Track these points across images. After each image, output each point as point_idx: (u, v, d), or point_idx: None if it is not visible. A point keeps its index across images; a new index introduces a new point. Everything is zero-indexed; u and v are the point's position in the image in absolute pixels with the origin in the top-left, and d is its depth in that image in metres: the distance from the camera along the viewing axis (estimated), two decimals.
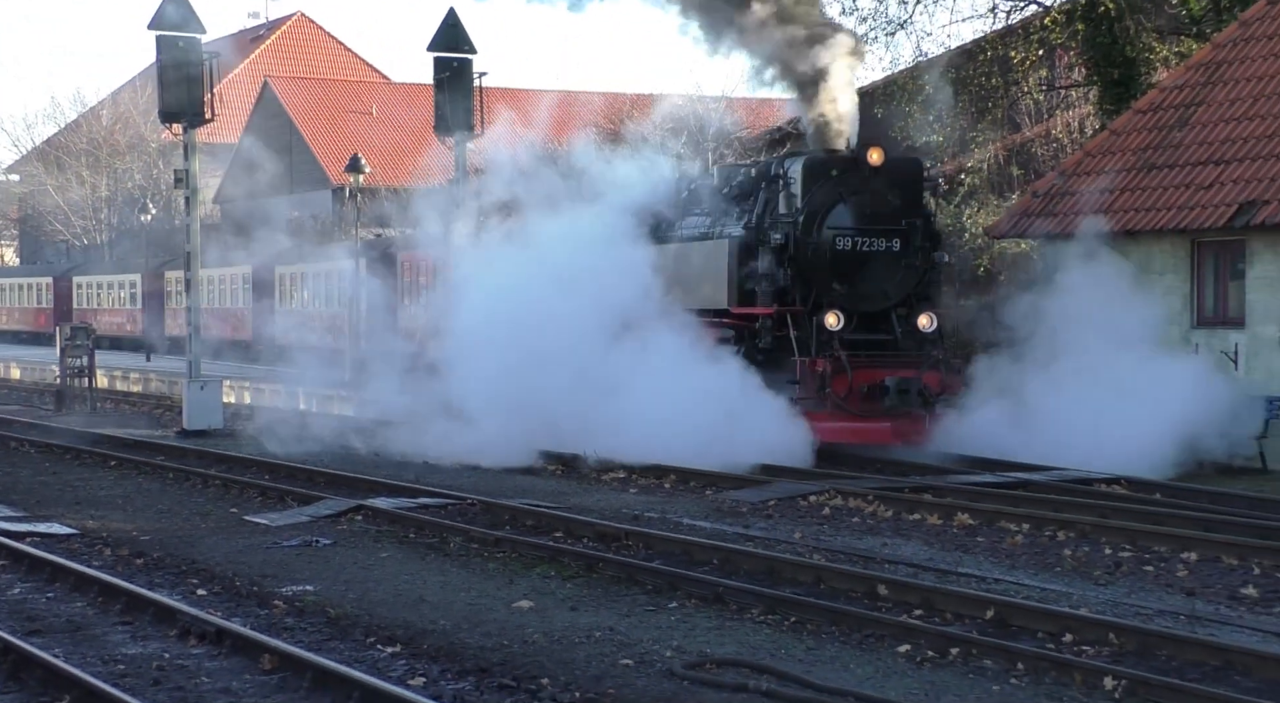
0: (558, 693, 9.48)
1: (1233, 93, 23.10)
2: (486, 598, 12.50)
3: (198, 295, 28.95)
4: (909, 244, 21.11)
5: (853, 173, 21.17)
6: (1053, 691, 9.49)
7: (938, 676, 9.86)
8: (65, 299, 59.76)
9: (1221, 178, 21.68)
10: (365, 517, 16.93)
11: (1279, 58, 22.93)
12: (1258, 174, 21.31)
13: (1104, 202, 22.64)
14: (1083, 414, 19.48)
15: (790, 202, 21.18)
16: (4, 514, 17.74)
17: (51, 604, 12.77)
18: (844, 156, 21.44)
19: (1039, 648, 10.31)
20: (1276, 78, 22.62)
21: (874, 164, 21.05)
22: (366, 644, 11.00)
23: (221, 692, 9.76)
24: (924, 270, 21.32)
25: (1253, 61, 23.28)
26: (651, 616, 11.77)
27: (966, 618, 11.35)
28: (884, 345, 21.05)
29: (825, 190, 21.02)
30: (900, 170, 21.77)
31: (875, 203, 21.10)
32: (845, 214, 21.01)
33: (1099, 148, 24.60)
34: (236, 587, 13.27)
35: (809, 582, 12.79)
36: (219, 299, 48.75)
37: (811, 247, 20.89)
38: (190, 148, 27.82)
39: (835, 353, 20.15)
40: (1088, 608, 11.53)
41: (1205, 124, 22.80)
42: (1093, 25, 29.90)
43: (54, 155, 71.59)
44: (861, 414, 20.25)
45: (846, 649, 10.59)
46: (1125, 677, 9.45)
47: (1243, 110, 22.64)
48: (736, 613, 11.79)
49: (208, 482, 20.44)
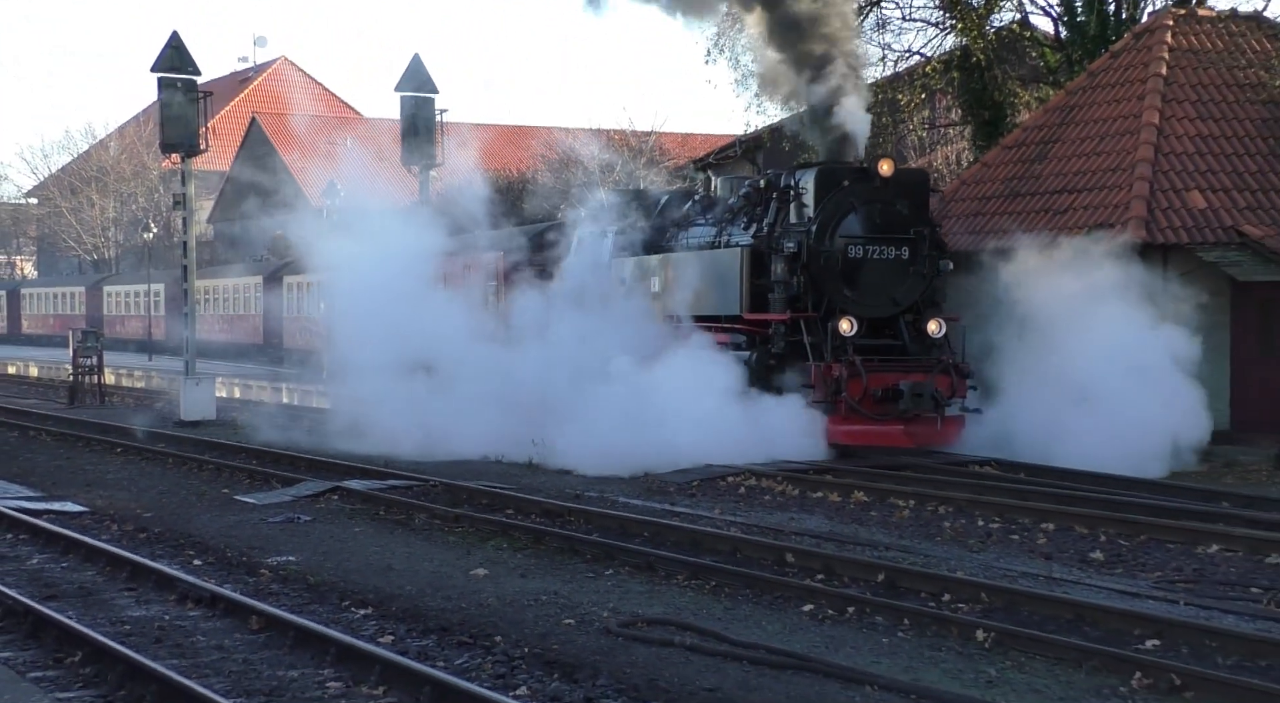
0: (509, 649, 9.41)
1: (1083, 132, 23.29)
2: (447, 567, 12.43)
3: (194, 303, 29.23)
4: (917, 252, 19.26)
5: (864, 183, 19.31)
6: (933, 642, 9.52)
7: (836, 630, 9.88)
8: (97, 307, 59.01)
9: (1075, 204, 21.85)
10: (341, 497, 16.81)
11: (1119, 103, 23.16)
12: (1105, 201, 21.50)
13: (977, 224, 22.77)
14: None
15: (801, 211, 19.48)
16: (24, 494, 17.60)
17: (65, 573, 12.64)
18: (855, 168, 19.68)
19: (922, 606, 10.35)
20: (1118, 120, 22.85)
21: (885, 175, 19.22)
22: (342, 607, 10.92)
23: (215, 649, 9.67)
24: (931, 278, 19.42)
25: (1099, 106, 23.49)
26: (591, 581, 11.72)
27: (861, 581, 11.36)
28: (893, 350, 19.17)
29: (837, 200, 19.22)
30: (908, 181, 19.92)
31: (885, 212, 19.22)
32: (857, 223, 19.23)
33: (973, 177, 24.78)
34: (228, 557, 13.16)
35: (727, 551, 12.77)
36: (234, 307, 47.76)
37: (824, 254, 19.04)
38: (187, 175, 28.29)
39: (850, 358, 18.43)
40: (963, 571, 11.58)
41: (1061, 158, 22.97)
42: (966, 74, 30.15)
43: (68, 181, 71.18)
44: (876, 418, 18.45)
45: (759, 609, 10.58)
46: (994, 629, 9.51)
47: (1091, 147, 22.84)
48: (664, 579, 11.76)
49: (202, 466, 20.23)
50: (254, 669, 9.09)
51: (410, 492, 16.86)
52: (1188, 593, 10.87)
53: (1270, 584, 11.14)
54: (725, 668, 8.85)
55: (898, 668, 8.80)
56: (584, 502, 15.78)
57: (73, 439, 24.64)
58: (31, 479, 19.19)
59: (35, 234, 79.77)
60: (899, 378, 18.48)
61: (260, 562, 12.81)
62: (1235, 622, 9.81)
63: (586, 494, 16.45)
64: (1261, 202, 21.80)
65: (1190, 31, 24.23)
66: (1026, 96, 30.22)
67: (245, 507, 16.39)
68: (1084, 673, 8.71)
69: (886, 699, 8.13)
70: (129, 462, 21.48)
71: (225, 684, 8.67)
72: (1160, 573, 11.74)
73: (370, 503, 16.23)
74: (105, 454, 22.55)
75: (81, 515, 15.95)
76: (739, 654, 9.12)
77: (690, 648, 9.33)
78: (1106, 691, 8.37)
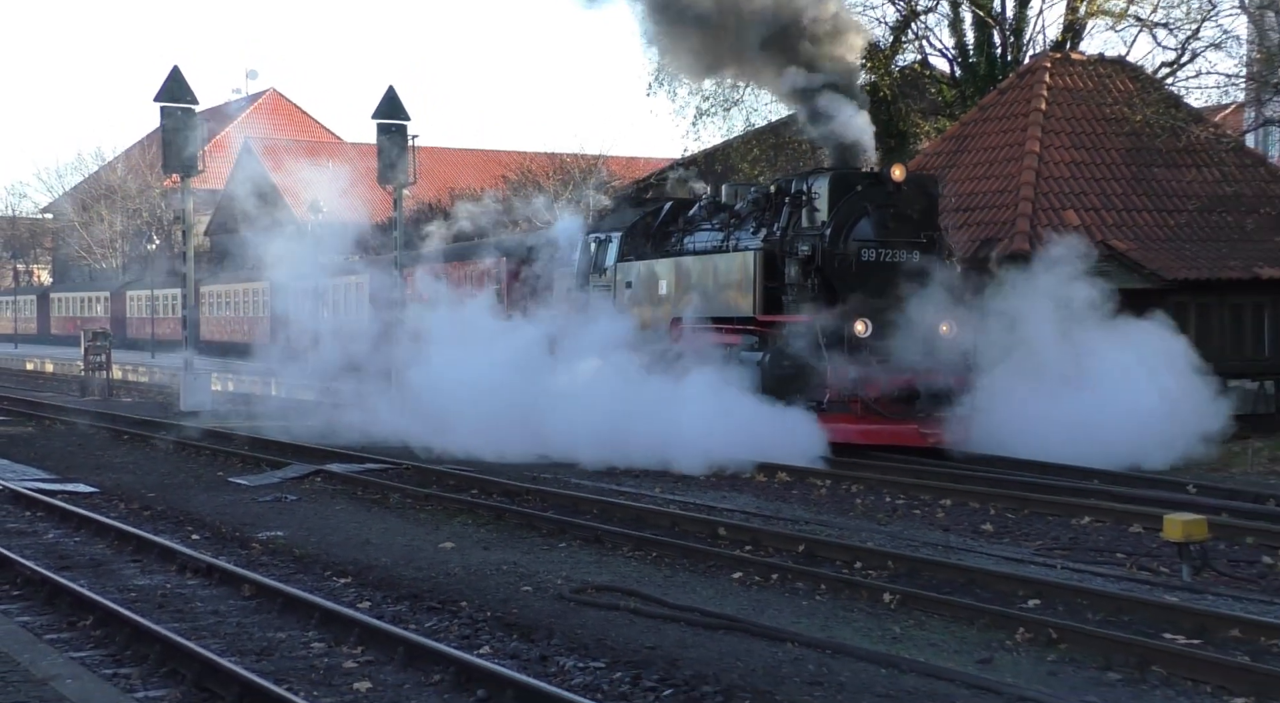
0: (473, 613, 9.36)
1: (975, 158, 23.54)
2: (418, 541, 12.35)
3: (194, 307, 29.16)
4: (928, 255, 17.72)
5: (876, 188, 17.75)
6: (846, 604, 9.54)
7: (762, 595, 9.89)
8: (120, 309, 58.18)
9: (969, 220, 22.05)
10: (323, 478, 16.66)
11: (1006, 133, 23.44)
12: (995, 218, 21.73)
13: None
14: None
15: (814, 215, 17.89)
16: (40, 476, 17.36)
17: (78, 546, 12.48)
18: (867, 173, 18.24)
19: (837, 573, 10.37)
20: (1004, 148, 23.13)
21: (897, 180, 17.67)
22: (324, 577, 10.83)
23: (211, 613, 9.57)
24: (939, 280, 17.61)
25: (988, 136, 23.75)
26: (546, 553, 11.68)
27: (784, 551, 11.39)
28: (905, 351, 17.34)
29: (851, 204, 17.67)
30: (919, 185, 18.29)
31: (897, 216, 17.66)
32: (870, 227, 17.64)
33: None
34: (222, 533, 13.02)
35: (666, 526, 12.76)
36: (244, 309, 46.92)
37: (838, 257, 17.54)
38: (186, 193, 28.17)
39: (867, 358, 17.02)
40: (873, 542, 11.64)
41: (957, 181, 23.17)
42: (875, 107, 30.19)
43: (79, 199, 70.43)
44: (892, 417, 16.89)
45: (694, 576, 10.58)
46: (899, 592, 9.56)
47: (982, 171, 23.10)
48: (611, 550, 11.74)
49: (199, 451, 20.01)
50: (246, 632, 9.01)
51: (385, 474, 16.73)
52: (1064, 559, 10.98)
53: (1132, 550, 11.27)
54: (664, 629, 8.85)
55: (815, 627, 8.83)
56: (540, 483, 15.72)
57: (83, 427, 24.29)
58: (47, 463, 18.94)
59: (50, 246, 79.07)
60: (915, 379, 17.03)
61: (251, 536, 12.69)
62: (1103, 583, 9.92)
63: (542, 476, 16.38)
64: (1126, 220, 22.13)
65: (1065, 73, 24.56)
66: (927, 127, 30.48)
67: (238, 488, 16.22)
68: (975, 629, 8.77)
69: (805, 655, 8.15)
70: (134, 447, 21.21)
71: (221, 645, 8.58)
72: (1041, 542, 11.84)
73: (349, 484, 16.09)
74: (113, 440, 22.26)
75: (92, 495, 15.74)
76: (677, 616, 9.11)
77: (634, 611, 9.32)
78: (994, 644, 8.44)
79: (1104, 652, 8.08)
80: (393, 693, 7.53)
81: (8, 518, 14.19)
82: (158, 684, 7.81)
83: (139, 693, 7.57)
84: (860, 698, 7.27)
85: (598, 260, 21.67)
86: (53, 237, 76.99)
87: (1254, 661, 7.87)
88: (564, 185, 41.78)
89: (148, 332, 51.76)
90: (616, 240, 21.35)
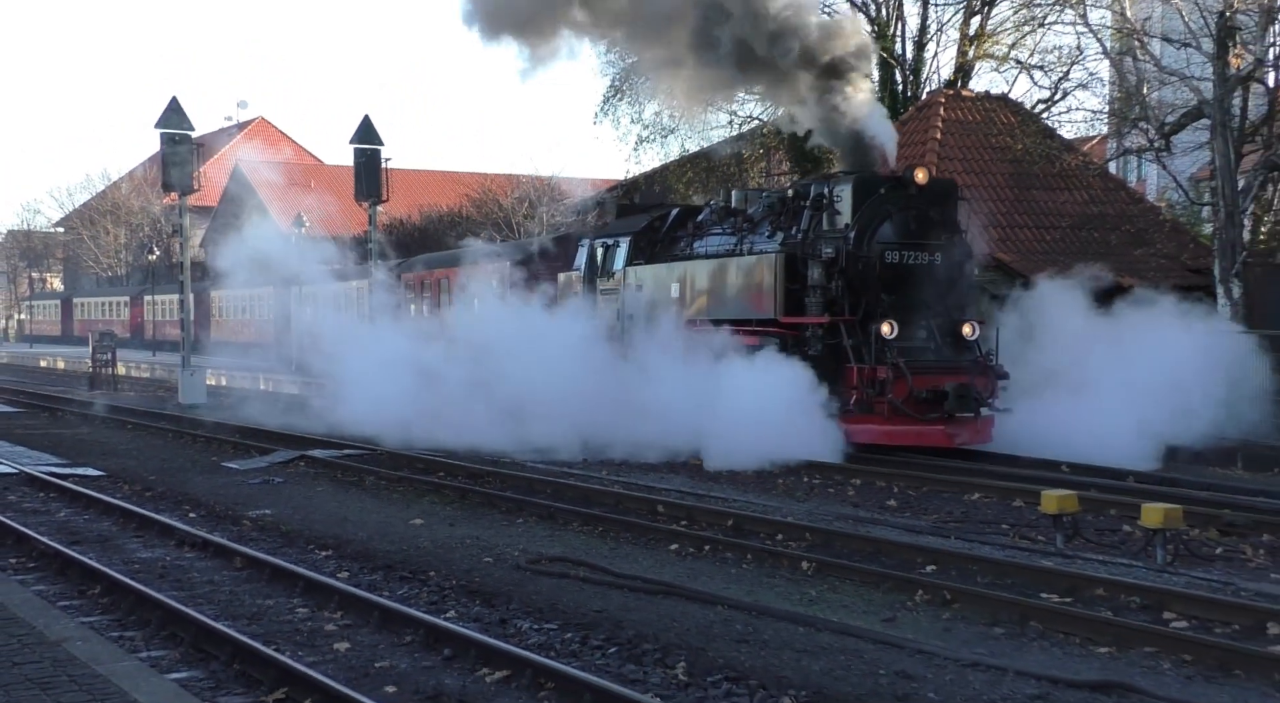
0: (441, 582, 9.30)
1: None
2: (391, 518, 12.24)
3: (189, 310, 28.88)
4: (949, 257, 16.00)
5: (899, 191, 15.97)
6: (769, 571, 9.57)
7: (696, 564, 9.88)
8: (139, 312, 57.14)
9: None
10: (306, 463, 16.46)
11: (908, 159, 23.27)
12: None
13: None
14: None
15: (834, 219, 16.03)
16: (53, 461, 17.06)
17: (87, 523, 12.28)
18: (890, 176, 16.50)
19: (761, 544, 10.39)
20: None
21: (920, 183, 15.95)
22: (307, 550, 10.72)
23: (207, 583, 9.46)
24: (960, 281, 16.11)
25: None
26: (505, 528, 11.61)
27: (715, 526, 11.38)
28: (927, 352, 15.80)
29: (874, 207, 15.86)
30: (940, 189, 16.42)
31: (920, 219, 15.90)
32: (893, 229, 15.85)
33: None
34: (216, 511, 12.86)
35: (611, 504, 12.71)
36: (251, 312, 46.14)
37: (862, 260, 15.72)
38: (183, 209, 28.02)
39: (894, 360, 15.20)
40: (792, 517, 11.64)
41: None
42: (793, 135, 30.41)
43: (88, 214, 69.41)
44: (920, 418, 15.07)
45: (636, 548, 10.56)
46: (815, 561, 9.58)
47: None
48: (563, 525, 11.70)
49: (195, 439, 19.73)
50: (238, 599, 8.89)
51: (362, 458, 16.54)
52: (957, 530, 11.05)
53: (1015, 522, 11.37)
54: (610, 594, 8.82)
55: (742, 592, 8.84)
56: (500, 466, 15.61)
57: (91, 418, 23.89)
58: (59, 449, 18.60)
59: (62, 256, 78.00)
60: (943, 380, 15.25)
61: (242, 514, 12.53)
62: (990, 551, 10.00)
63: (502, 460, 16.24)
64: (1010, 235, 22.43)
65: (957, 107, 24.83)
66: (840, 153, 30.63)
67: (230, 471, 16.01)
68: (881, 592, 8.82)
69: (734, 616, 8.17)
70: (137, 435, 20.87)
71: (215, 610, 8.47)
72: (937, 516, 11.92)
73: (330, 468, 15.91)
74: (117, 429, 21.91)
75: (99, 478, 15.49)
76: (621, 584, 9.09)
77: (583, 579, 9.29)
78: (897, 605, 8.49)
79: (991, 610, 8.16)
80: (369, 653, 7.46)
81: (24, 498, 13.96)
82: (159, 646, 7.72)
83: (142, 653, 7.45)
84: (781, 654, 7.29)
85: (605, 264, 19.87)
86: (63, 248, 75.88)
87: (1115, 615, 7.99)
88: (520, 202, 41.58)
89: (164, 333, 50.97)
90: (625, 245, 19.55)
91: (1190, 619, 7.88)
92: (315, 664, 7.07)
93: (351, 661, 7.31)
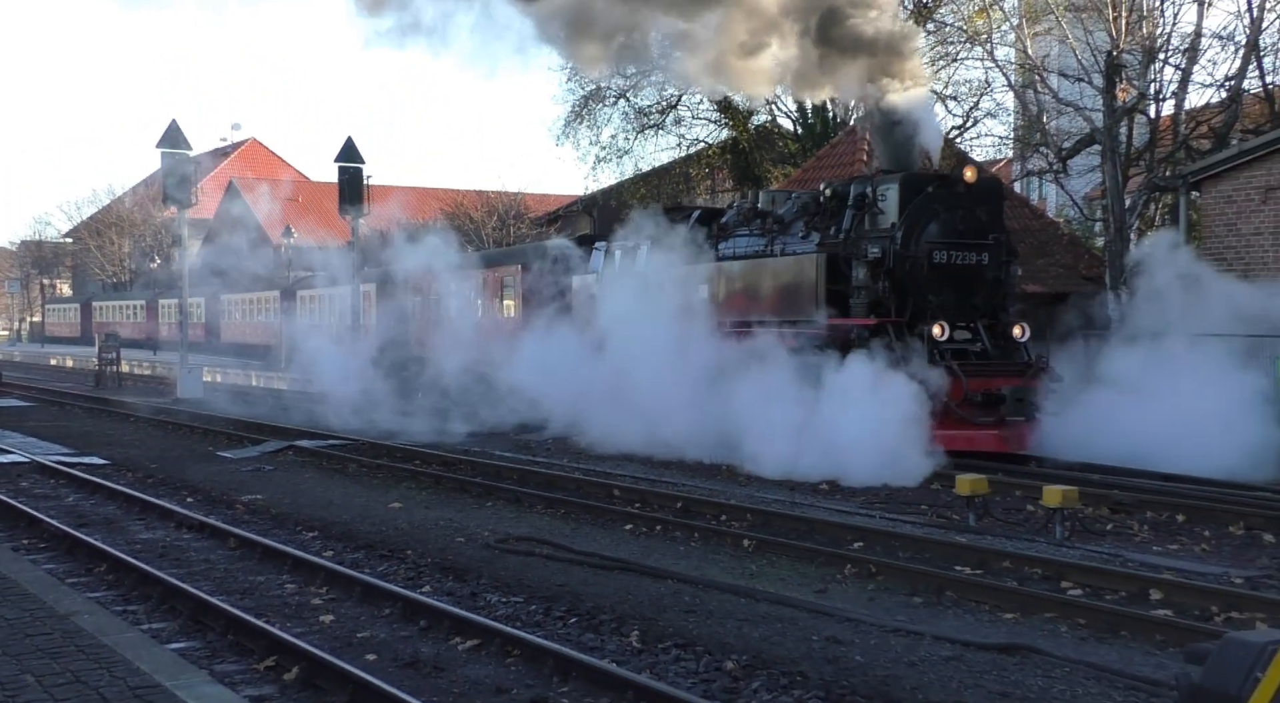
0: (417, 559, 9.23)
1: None
2: (372, 502, 12.13)
3: (186, 313, 28.62)
4: (996, 257, 14.22)
5: (947, 190, 14.11)
6: (715, 548, 9.57)
7: (649, 543, 9.87)
8: (153, 315, 56.20)
9: None
10: (294, 452, 16.30)
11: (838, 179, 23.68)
12: None
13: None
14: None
15: (878, 219, 14.25)
16: (62, 451, 16.76)
17: (93, 507, 12.07)
18: (938, 174, 14.99)
19: (707, 524, 10.38)
20: None
21: (969, 181, 14.10)
22: (295, 532, 10.60)
23: (203, 562, 9.33)
24: (1005, 282, 14.40)
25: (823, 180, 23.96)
26: (475, 511, 11.54)
27: (666, 507, 11.37)
28: (973, 354, 13.92)
29: (921, 206, 13.99)
30: (986, 188, 14.44)
31: (967, 218, 14.09)
32: (941, 229, 14.00)
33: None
34: (212, 496, 12.68)
35: (572, 488, 12.67)
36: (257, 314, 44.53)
37: (909, 260, 13.88)
38: (182, 221, 27.76)
39: (948, 362, 13.37)
40: (735, 499, 11.66)
41: None
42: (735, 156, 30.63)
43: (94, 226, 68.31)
44: (976, 422, 13.25)
45: (595, 529, 10.52)
46: (756, 539, 9.59)
47: None
48: (529, 508, 11.65)
49: (192, 430, 19.44)
50: (232, 576, 8.77)
51: (345, 448, 16.41)
52: (881, 510, 11.13)
53: (933, 503, 11.46)
54: (571, 570, 8.79)
55: (690, 567, 8.83)
56: (471, 454, 15.53)
57: (97, 411, 23.53)
58: (67, 440, 18.27)
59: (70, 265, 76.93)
60: (999, 382, 13.46)
61: (236, 499, 12.37)
62: (910, 528, 10.06)
63: (473, 449, 16.15)
64: None
65: None
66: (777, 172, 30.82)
67: (224, 460, 15.81)
68: (814, 566, 8.84)
69: (682, 589, 8.16)
70: (139, 427, 20.55)
71: (211, 586, 8.35)
72: (863, 497, 11.98)
73: (316, 457, 15.75)
74: (121, 421, 21.55)
75: (104, 466, 15.24)
76: (580, 560, 9.06)
77: (547, 557, 9.24)
78: (828, 577, 8.53)
79: (910, 582, 8.21)
80: (352, 624, 7.39)
81: (35, 485, 13.71)
82: (160, 618, 7.60)
83: (144, 625, 7.34)
84: (725, 622, 7.30)
85: (623, 269, 17.89)
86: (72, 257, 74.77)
87: (1020, 585, 8.07)
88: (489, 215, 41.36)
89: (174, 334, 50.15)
90: (645, 249, 17.47)
91: (1085, 587, 7.98)
92: (303, 635, 7.00)
93: (336, 631, 7.23)
